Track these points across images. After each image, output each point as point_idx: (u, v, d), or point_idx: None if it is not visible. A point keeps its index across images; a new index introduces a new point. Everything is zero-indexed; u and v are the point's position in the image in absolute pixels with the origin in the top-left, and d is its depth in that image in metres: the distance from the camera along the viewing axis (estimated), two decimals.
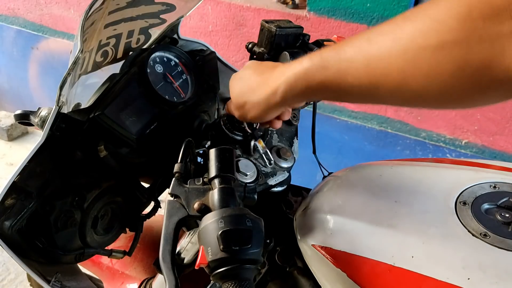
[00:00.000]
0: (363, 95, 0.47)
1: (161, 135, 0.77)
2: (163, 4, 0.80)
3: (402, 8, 1.59)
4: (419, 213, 0.60)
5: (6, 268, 2.01)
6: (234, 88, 0.64)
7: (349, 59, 0.46)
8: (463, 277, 0.49)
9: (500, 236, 0.53)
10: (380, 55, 0.42)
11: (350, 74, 0.45)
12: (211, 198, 0.55)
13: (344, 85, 0.47)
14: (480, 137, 1.67)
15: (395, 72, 0.41)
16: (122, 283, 1.08)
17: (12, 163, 2.79)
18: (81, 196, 0.71)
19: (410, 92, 0.42)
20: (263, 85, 0.57)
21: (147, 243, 1.10)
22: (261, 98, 0.58)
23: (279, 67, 0.57)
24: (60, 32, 2.55)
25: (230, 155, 0.58)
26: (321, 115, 1.91)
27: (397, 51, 0.41)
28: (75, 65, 0.64)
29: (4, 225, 0.63)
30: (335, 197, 0.70)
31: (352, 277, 0.57)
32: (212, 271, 0.49)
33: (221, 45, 2.04)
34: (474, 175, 0.64)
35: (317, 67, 0.49)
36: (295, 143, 0.78)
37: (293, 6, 1.87)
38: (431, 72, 0.39)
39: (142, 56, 0.77)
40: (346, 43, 0.48)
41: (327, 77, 0.48)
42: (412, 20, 0.40)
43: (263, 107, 0.58)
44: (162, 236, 0.54)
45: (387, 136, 1.84)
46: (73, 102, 0.71)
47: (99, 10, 0.67)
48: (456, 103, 0.42)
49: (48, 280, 0.65)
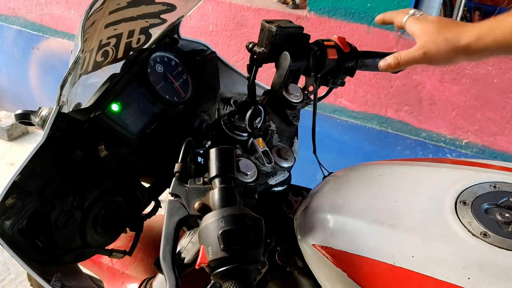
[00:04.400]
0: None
1: (161, 135, 0.77)
2: (163, 4, 0.80)
3: (402, 8, 1.59)
4: (419, 213, 0.60)
5: (7, 268, 2.01)
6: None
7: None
8: (463, 277, 0.49)
9: (500, 236, 0.53)
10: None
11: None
12: (212, 198, 0.55)
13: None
14: (481, 137, 1.67)
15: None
16: (123, 283, 1.09)
17: (13, 163, 2.79)
18: (81, 196, 0.71)
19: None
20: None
21: (148, 243, 1.10)
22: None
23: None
24: (61, 32, 2.55)
25: (230, 154, 0.58)
26: (321, 115, 1.91)
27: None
28: (76, 65, 0.64)
29: (5, 225, 0.64)
30: (335, 197, 0.70)
31: (352, 277, 0.57)
32: (213, 270, 0.49)
33: (221, 45, 2.04)
34: (474, 175, 0.64)
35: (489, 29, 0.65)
36: (295, 143, 0.78)
37: (293, 6, 1.87)
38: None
39: (143, 56, 0.77)
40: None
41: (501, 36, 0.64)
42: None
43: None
44: (163, 235, 0.54)
45: (387, 136, 1.84)
46: (74, 102, 0.71)
47: (100, 10, 0.67)
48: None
49: (48, 280, 0.65)
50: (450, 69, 1.59)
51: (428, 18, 0.75)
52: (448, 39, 0.69)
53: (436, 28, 0.71)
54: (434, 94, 1.68)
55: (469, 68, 1.57)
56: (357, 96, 1.83)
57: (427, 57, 0.72)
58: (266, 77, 1.25)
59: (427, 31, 0.72)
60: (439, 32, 0.71)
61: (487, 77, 1.55)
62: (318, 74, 0.82)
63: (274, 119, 0.77)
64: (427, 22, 0.74)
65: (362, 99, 1.83)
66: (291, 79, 0.80)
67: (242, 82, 0.97)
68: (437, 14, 1.67)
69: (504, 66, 1.51)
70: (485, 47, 0.67)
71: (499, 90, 1.56)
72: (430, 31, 0.72)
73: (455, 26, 0.70)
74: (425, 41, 0.72)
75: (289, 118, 0.78)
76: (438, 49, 0.70)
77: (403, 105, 1.77)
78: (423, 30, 0.73)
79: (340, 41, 0.82)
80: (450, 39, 0.69)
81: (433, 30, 0.71)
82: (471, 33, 0.67)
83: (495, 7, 2.76)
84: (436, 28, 0.71)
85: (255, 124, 0.70)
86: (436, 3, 1.63)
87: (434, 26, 0.72)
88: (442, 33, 0.70)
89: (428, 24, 0.73)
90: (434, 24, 0.72)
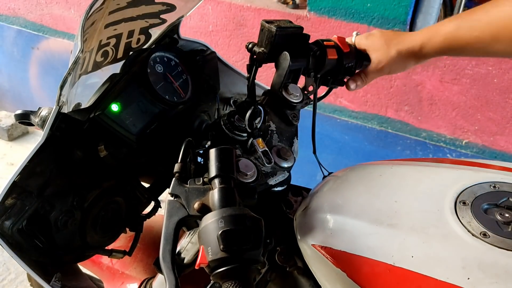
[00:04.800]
0: (484, 47, 0.69)
1: (161, 135, 0.77)
2: (163, 4, 0.80)
3: (402, 8, 1.59)
4: (419, 212, 0.60)
5: (7, 268, 2.01)
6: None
7: (478, 18, 0.69)
8: (462, 277, 0.49)
9: (500, 236, 0.53)
10: (500, 14, 0.65)
11: (477, 30, 0.68)
12: (211, 198, 0.55)
13: (471, 39, 0.70)
14: (481, 137, 1.67)
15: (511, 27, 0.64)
16: (122, 283, 1.09)
17: (13, 163, 2.79)
18: (81, 196, 0.71)
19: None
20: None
21: (147, 243, 1.10)
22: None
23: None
24: (61, 32, 2.55)
25: (230, 155, 0.58)
26: (321, 115, 1.91)
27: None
28: (76, 65, 0.64)
29: (5, 225, 0.64)
30: (335, 197, 0.70)
31: (352, 277, 0.57)
32: (212, 270, 0.49)
33: (221, 45, 2.04)
34: (474, 175, 0.64)
35: (453, 26, 0.72)
36: (295, 143, 0.78)
37: (293, 6, 1.87)
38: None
39: (143, 56, 0.77)
40: (478, 7, 0.69)
41: (459, 34, 0.71)
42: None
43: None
44: (162, 236, 0.54)
45: (387, 136, 1.84)
46: (74, 102, 0.71)
47: (100, 10, 0.67)
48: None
49: (48, 280, 0.65)
50: (450, 69, 1.59)
51: (372, 34, 0.83)
52: (399, 50, 0.79)
53: (385, 43, 0.81)
54: (434, 94, 1.68)
55: (469, 68, 1.57)
56: (357, 96, 1.83)
57: (385, 70, 0.83)
58: (266, 77, 1.25)
59: (378, 47, 0.81)
60: (389, 46, 0.80)
61: (487, 77, 1.55)
62: (318, 74, 0.82)
63: (274, 119, 0.77)
64: (374, 38, 0.82)
65: (362, 99, 1.83)
66: (291, 79, 0.80)
67: (242, 82, 0.97)
68: (437, 14, 1.67)
69: (504, 66, 1.51)
70: (428, 53, 0.78)
71: (499, 90, 1.56)
72: (381, 46, 0.81)
73: (399, 37, 0.80)
74: (380, 56, 0.81)
75: (288, 118, 0.78)
76: (394, 61, 0.81)
77: (403, 105, 1.77)
78: (374, 46, 0.82)
79: (340, 41, 0.82)
80: (401, 50, 0.79)
81: (383, 45, 0.81)
82: (416, 42, 0.78)
83: None
84: (385, 43, 0.81)
85: (254, 124, 0.70)
86: (436, 3, 1.63)
87: (382, 41, 0.81)
88: (392, 46, 0.80)
89: (376, 40, 0.82)
90: (381, 39, 0.81)
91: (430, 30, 0.77)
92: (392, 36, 0.81)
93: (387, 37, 0.82)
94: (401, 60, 0.81)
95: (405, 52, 0.79)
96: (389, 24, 1.63)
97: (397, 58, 0.80)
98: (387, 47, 0.80)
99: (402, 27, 1.62)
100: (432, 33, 0.76)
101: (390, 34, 0.82)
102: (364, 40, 0.84)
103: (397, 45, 0.80)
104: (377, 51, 0.82)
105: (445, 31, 0.74)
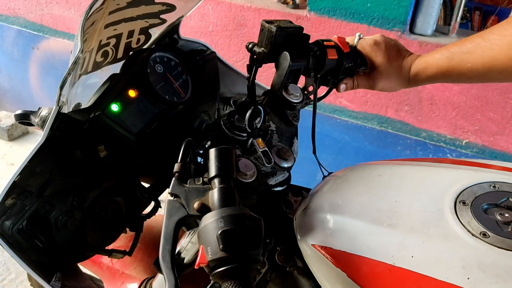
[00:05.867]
0: (478, 76, 0.72)
1: (161, 135, 0.77)
2: (163, 4, 0.80)
3: (402, 8, 1.59)
4: (419, 212, 0.60)
5: (7, 268, 2.01)
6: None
7: (469, 51, 0.71)
8: (462, 277, 0.49)
9: (500, 236, 0.53)
10: (492, 47, 0.68)
11: (469, 62, 0.71)
12: (211, 198, 0.55)
13: (464, 70, 0.72)
14: (481, 137, 1.67)
15: (503, 57, 0.66)
16: (122, 283, 1.09)
17: (13, 163, 2.79)
18: (81, 196, 0.71)
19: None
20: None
21: (147, 243, 1.10)
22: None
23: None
24: (61, 32, 2.55)
25: (229, 155, 0.58)
26: (321, 115, 1.91)
27: (504, 43, 0.66)
28: (76, 65, 0.64)
29: (5, 225, 0.64)
30: (335, 197, 0.70)
31: (352, 277, 0.57)
32: (212, 270, 0.49)
33: (221, 45, 2.04)
34: (474, 175, 0.64)
35: (445, 58, 0.75)
36: (295, 143, 0.78)
37: (293, 6, 1.87)
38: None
39: (143, 56, 0.77)
40: (466, 40, 0.73)
41: (452, 65, 0.74)
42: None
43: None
44: (162, 235, 0.54)
45: (387, 136, 1.84)
46: (74, 102, 0.71)
47: (100, 10, 0.67)
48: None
49: (48, 280, 0.65)
50: None
51: (378, 43, 0.83)
52: (398, 74, 0.83)
53: (387, 61, 0.82)
54: (434, 94, 1.68)
55: None
56: (357, 96, 1.83)
57: (377, 87, 0.86)
58: (266, 77, 1.25)
59: (379, 63, 0.83)
60: (391, 65, 0.82)
61: None
62: (318, 74, 0.82)
63: (274, 119, 0.77)
64: (379, 51, 0.83)
65: (362, 99, 1.83)
66: (291, 79, 0.80)
67: (242, 82, 0.97)
68: (437, 14, 1.67)
69: None
70: (422, 81, 0.82)
71: (499, 90, 1.56)
72: (382, 63, 0.82)
73: (400, 59, 0.83)
74: (378, 75, 0.83)
75: (288, 118, 0.78)
76: (389, 82, 0.84)
77: (403, 105, 1.77)
78: (376, 60, 0.83)
79: (340, 41, 0.82)
80: (399, 74, 0.83)
81: (385, 64, 0.82)
82: (413, 70, 0.81)
83: (495, 7, 2.76)
84: (387, 61, 0.82)
85: (254, 124, 0.70)
86: (436, 3, 1.64)
87: (386, 59, 0.82)
88: (393, 68, 0.82)
89: (380, 55, 0.82)
90: (385, 56, 0.82)
91: (428, 57, 0.79)
92: (395, 56, 0.83)
93: (391, 56, 0.82)
94: (396, 84, 0.84)
95: (402, 77, 0.83)
96: (389, 24, 1.64)
97: (394, 81, 0.83)
98: (389, 66, 0.82)
99: (402, 27, 1.63)
100: (429, 62, 0.79)
101: (393, 53, 0.83)
102: (368, 48, 0.83)
103: (398, 69, 0.82)
104: (378, 66, 0.83)
105: (438, 64, 0.77)
